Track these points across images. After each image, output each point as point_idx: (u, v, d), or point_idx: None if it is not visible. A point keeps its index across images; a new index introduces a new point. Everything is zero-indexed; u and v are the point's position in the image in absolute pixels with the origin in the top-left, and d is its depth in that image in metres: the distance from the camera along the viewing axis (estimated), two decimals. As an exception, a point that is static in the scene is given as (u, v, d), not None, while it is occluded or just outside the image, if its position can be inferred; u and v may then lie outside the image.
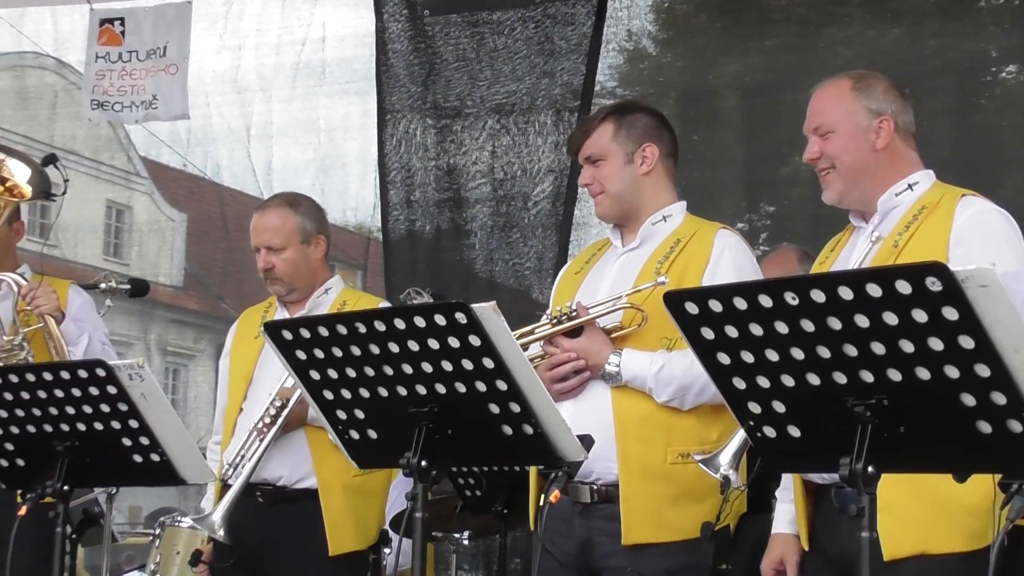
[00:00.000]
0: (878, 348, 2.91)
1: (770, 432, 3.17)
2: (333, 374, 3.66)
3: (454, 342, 3.45)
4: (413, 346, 3.50)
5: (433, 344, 3.47)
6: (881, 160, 4.01)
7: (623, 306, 4.37)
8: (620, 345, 4.37)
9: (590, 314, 4.38)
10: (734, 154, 8.18)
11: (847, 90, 4.06)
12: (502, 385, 3.47)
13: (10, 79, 11.10)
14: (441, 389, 3.54)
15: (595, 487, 4.34)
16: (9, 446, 4.34)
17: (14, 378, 4.22)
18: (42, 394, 4.18)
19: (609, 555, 4.32)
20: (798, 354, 3.01)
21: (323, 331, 3.61)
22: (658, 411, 4.32)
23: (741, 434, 4.05)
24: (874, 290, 2.85)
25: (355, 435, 3.76)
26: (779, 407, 3.12)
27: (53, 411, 4.20)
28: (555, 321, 4.39)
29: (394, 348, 3.52)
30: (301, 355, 3.67)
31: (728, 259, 4.40)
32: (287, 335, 3.67)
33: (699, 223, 4.57)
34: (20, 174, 5.54)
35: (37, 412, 4.22)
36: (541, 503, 3.66)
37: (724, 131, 8.17)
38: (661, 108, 7.62)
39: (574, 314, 4.38)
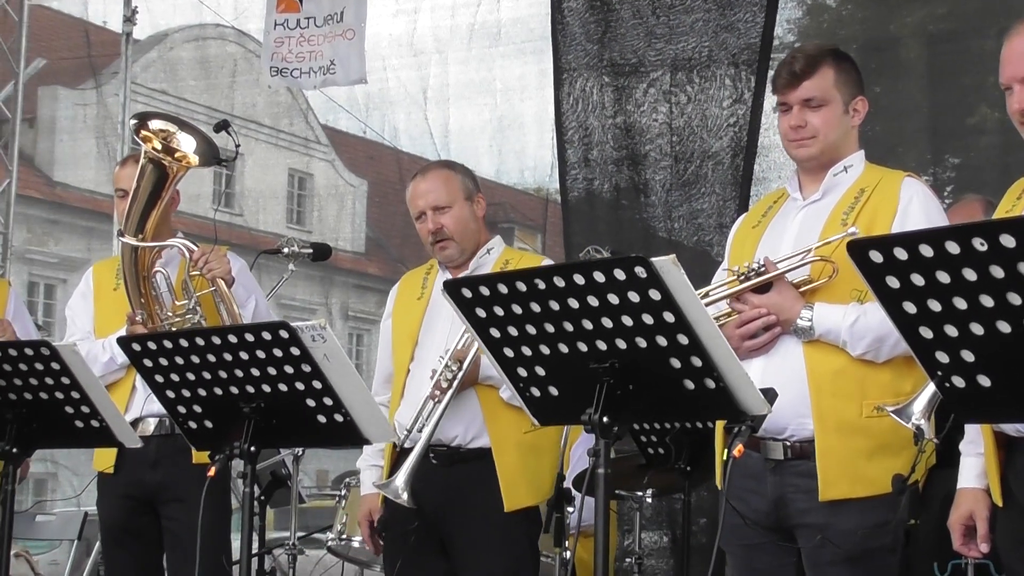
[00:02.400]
0: (1072, 294, 2.82)
1: (959, 382, 3.08)
2: (513, 331, 3.65)
3: (634, 296, 3.41)
4: (593, 301, 3.47)
5: (613, 299, 3.44)
6: None
7: (813, 259, 4.27)
8: (809, 299, 4.27)
9: (779, 269, 4.30)
10: (918, 105, 8.01)
11: None
12: (683, 339, 3.43)
13: (192, 50, 11.32)
14: (622, 344, 3.51)
15: (788, 443, 4.26)
16: (197, 408, 4.41)
17: (200, 341, 4.28)
18: (227, 356, 4.24)
19: (804, 512, 4.24)
20: (987, 301, 2.92)
21: (502, 288, 3.60)
22: (852, 364, 4.23)
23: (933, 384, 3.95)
24: (1068, 233, 2.75)
25: (536, 392, 3.74)
26: (968, 356, 3.03)
27: (239, 373, 4.25)
28: (742, 277, 4.32)
29: (574, 304, 3.50)
30: (481, 312, 3.66)
31: (917, 207, 4.28)
32: (467, 293, 3.67)
33: (882, 172, 4.46)
34: (187, 144, 5.66)
35: (223, 374, 4.28)
36: (725, 458, 3.61)
37: (907, 82, 8.00)
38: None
39: (762, 269, 4.30)
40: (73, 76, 14.71)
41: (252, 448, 4.27)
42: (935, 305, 3.00)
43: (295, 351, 4.13)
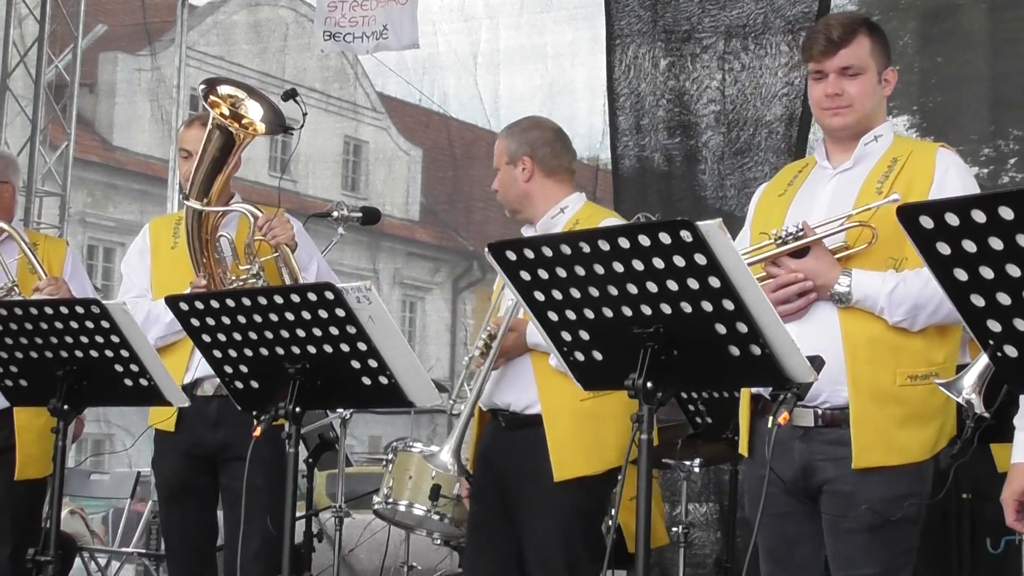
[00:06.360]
0: None
1: (1011, 351, 3.02)
2: (558, 295, 3.61)
3: (679, 261, 3.37)
4: (638, 265, 3.43)
5: (658, 263, 3.40)
6: None
7: (852, 225, 4.22)
8: (844, 265, 4.23)
9: (817, 234, 4.25)
10: (980, 75, 7.89)
11: None
12: (729, 305, 3.39)
13: (245, 15, 11.35)
14: (667, 309, 3.47)
15: (820, 410, 4.21)
16: (244, 368, 4.42)
17: (247, 301, 4.29)
18: (273, 317, 4.25)
19: (831, 480, 4.20)
20: (1041, 269, 2.86)
21: (547, 251, 3.56)
22: (887, 332, 4.17)
23: (985, 358, 3.89)
24: None
25: (580, 356, 3.71)
26: (1021, 325, 2.97)
27: (284, 334, 4.26)
28: (780, 241, 4.27)
29: (619, 268, 3.46)
30: (525, 276, 3.63)
31: (954, 176, 4.22)
32: (511, 256, 3.63)
33: (913, 142, 4.45)
34: (255, 111, 5.68)
35: (269, 335, 4.29)
36: (770, 425, 3.57)
37: (969, 50, 7.89)
38: (903, 29, 7.34)
39: (800, 234, 4.25)
40: (131, 42, 14.79)
41: (297, 409, 4.27)
42: (987, 272, 2.93)
43: (340, 312, 4.13)
